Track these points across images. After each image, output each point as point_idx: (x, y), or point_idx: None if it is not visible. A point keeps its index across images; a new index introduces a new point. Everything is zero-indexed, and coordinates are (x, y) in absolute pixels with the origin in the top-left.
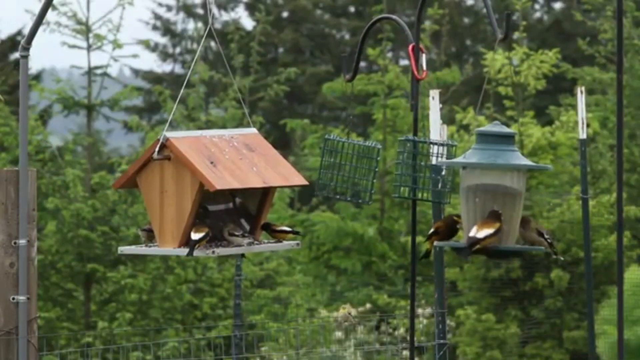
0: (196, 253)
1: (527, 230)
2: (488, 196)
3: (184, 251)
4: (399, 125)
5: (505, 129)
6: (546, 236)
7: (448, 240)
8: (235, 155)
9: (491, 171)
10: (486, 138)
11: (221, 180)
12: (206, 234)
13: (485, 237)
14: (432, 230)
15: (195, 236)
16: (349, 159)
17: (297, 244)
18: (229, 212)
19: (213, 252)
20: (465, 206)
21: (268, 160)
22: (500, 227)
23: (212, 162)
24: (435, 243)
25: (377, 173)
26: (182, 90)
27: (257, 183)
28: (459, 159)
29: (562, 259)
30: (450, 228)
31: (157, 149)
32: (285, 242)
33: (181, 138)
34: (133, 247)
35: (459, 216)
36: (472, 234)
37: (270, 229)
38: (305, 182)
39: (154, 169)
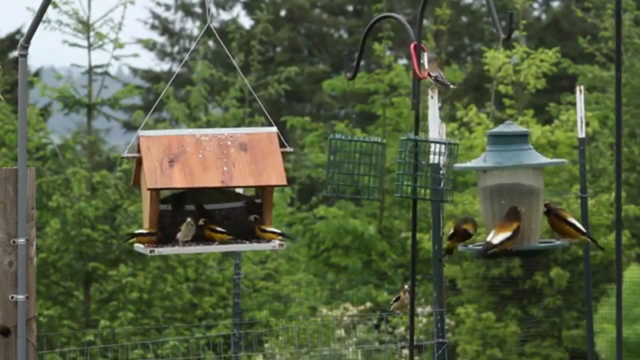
0: (137, 250)
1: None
2: (507, 196)
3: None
4: (402, 124)
5: (519, 129)
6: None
7: (464, 239)
8: (213, 155)
9: (510, 171)
10: (501, 139)
11: (163, 179)
12: (149, 232)
13: (502, 242)
14: (451, 231)
15: (138, 230)
16: (352, 157)
17: (281, 245)
18: (243, 209)
19: (151, 251)
20: (484, 206)
21: (256, 161)
22: (519, 227)
23: (171, 162)
24: (460, 248)
25: (383, 169)
26: (169, 83)
27: (211, 183)
28: (480, 163)
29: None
30: (462, 229)
31: (128, 148)
32: (268, 243)
33: (151, 137)
34: (142, 245)
35: (467, 222)
36: (489, 238)
37: (259, 228)
38: (283, 183)
39: (140, 168)
